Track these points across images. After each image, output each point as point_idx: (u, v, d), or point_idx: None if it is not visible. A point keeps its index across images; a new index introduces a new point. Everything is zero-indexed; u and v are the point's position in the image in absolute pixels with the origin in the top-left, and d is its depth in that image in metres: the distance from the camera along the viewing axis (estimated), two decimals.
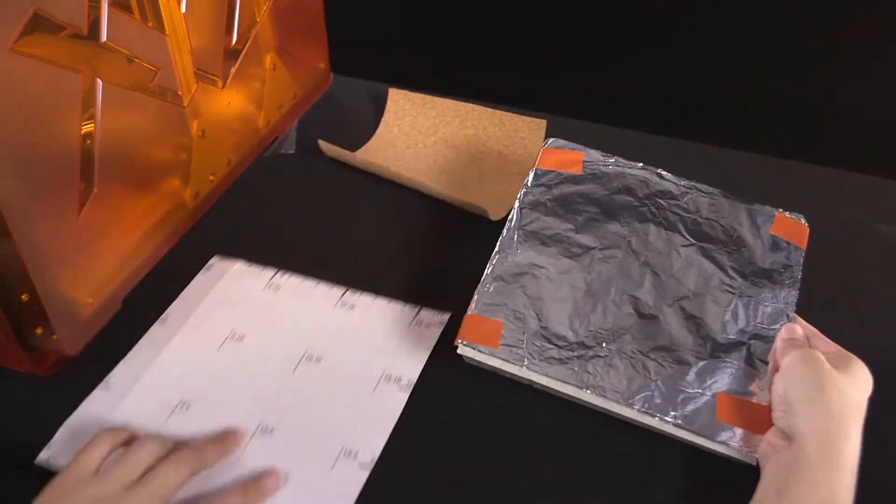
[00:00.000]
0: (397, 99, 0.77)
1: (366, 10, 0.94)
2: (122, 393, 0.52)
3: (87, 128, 0.51)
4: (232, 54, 0.65)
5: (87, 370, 0.54)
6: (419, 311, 0.58)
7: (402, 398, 0.52)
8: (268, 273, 0.61)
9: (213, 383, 0.53)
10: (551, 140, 0.62)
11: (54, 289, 0.51)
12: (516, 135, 0.73)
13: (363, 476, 0.47)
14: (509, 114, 0.74)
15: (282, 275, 0.60)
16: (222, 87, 0.65)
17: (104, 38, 0.50)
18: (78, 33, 0.48)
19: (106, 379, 0.53)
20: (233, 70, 0.65)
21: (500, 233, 0.57)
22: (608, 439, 0.50)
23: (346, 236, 0.65)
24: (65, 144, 0.50)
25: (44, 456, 0.48)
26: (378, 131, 0.75)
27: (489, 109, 0.75)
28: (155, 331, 0.57)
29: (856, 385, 0.46)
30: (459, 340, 0.52)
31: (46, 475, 0.47)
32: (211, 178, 0.66)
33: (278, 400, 0.52)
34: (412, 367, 0.54)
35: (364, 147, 0.73)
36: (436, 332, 0.56)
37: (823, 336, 0.51)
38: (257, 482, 0.46)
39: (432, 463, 0.49)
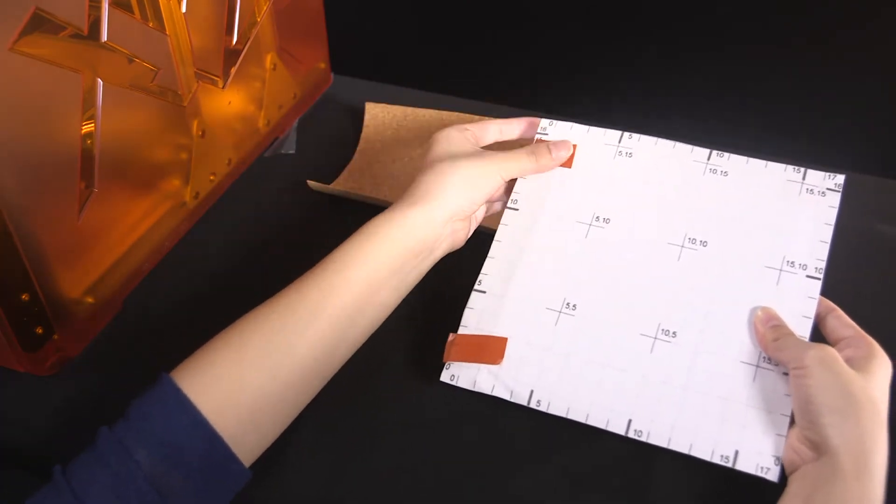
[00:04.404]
0: (376, 112, 0.75)
1: (366, 10, 0.94)
2: (500, 293, 0.52)
3: (87, 128, 0.51)
4: (232, 54, 0.65)
5: (87, 370, 0.54)
6: (805, 173, 0.51)
7: (813, 289, 0.48)
8: (613, 136, 0.56)
9: (593, 278, 0.51)
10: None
11: (54, 289, 0.51)
12: (506, 141, 0.72)
13: (786, 385, 0.45)
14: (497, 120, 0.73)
15: (629, 136, 0.56)
16: (222, 87, 0.65)
17: (104, 38, 0.50)
18: (78, 33, 0.48)
19: (479, 279, 0.53)
20: (233, 70, 0.65)
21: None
22: (608, 440, 0.50)
23: (347, 237, 0.65)
24: (65, 144, 0.50)
25: (445, 376, 0.50)
26: (360, 147, 0.74)
27: (475, 117, 0.73)
28: (509, 218, 0.55)
29: (879, 384, 0.44)
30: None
31: (46, 475, 0.47)
32: (211, 178, 0.66)
33: (671, 297, 0.49)
34: (815, 248, 0.49)
35: (348, 166, 0.72)
36: (833, 201, 0.50)
37: (842, 313, 0.48)
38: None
39: (428, 462, 0.49)
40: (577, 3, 0.85)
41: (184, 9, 0.57)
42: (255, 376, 0.43)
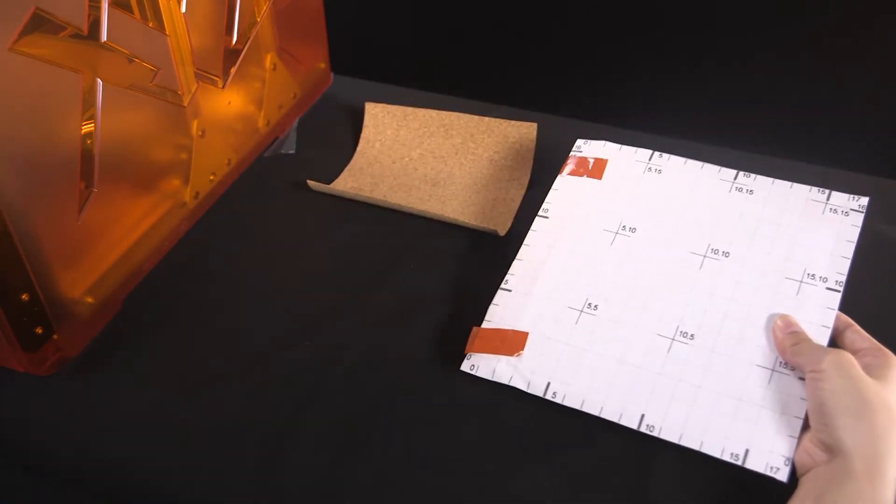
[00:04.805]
0: (376, 113, 0.75)
1: (366, 10, 0.94)
2: (525, 291, 0.53)
3: (87, 128, 0.51)
4: (232, 54, 0.65)
5: (87, 370, 0.54)
6: (829, 195, 0.53)
7: (833, 300, 0.49)
8: (643, 154, 0.58)
9: (615, 282, 0.52)
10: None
11: (54, 289, 0.51)
12: (506, 140, 0.72)
13: (801, 389, 0.46)
14: (497, 119, 0.72)
15: (660, 155, 0.58)
16: (222, 87, 0.65)
17: (104, 38, 0.50)
18: (78, 33, 0.48)
19: (506, 279, 0.54)
20: (233, 70, 0.65)
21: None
22: (608, 440, 0.50)
23: (348, 237, 0.65)
24: (65, 144, 0.50)
25: (465, 366, 0.51)
26: (359, 148, 0.74)
27: (475, 117, 0.73)
28: (539, 224, 0.57)
29: (895, 392, 0.44)
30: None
31: (46, 475, 0.47)
32: (211, 178, 0.66)
33: (691, 302, 0.50)
34: (836, 263, 0.50)
35: (348, 166, 0.72)
36: (856, 221, 0.52)
37: (859, 328, 0.49)
38: None
39: (428, 461, 0.49)
40: (578, 2, 0.85)
41: (184, 9, 0.57)
42: None
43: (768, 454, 0.45)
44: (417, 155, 0.72)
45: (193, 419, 0.51)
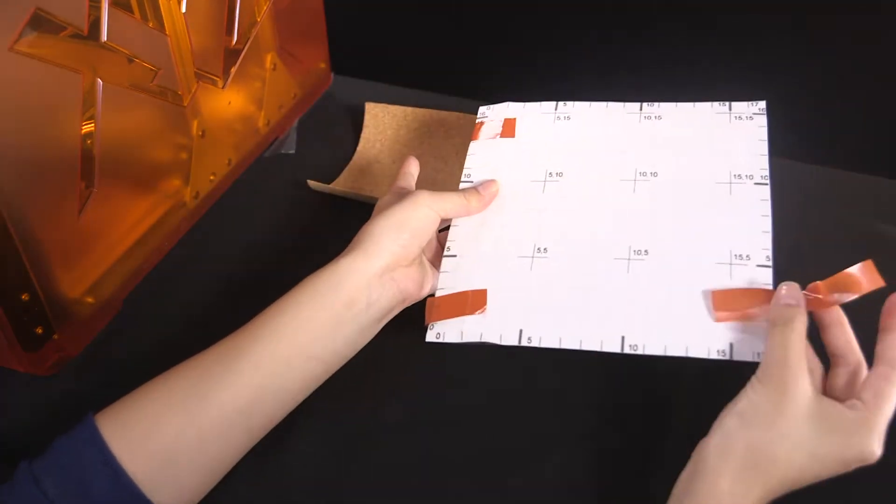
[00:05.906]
0: (376, 112, 0.75)
1: (366, 10, 0.94)
2: (470, 253, 0.53)
3: (87, 128, 0.51)
4: (232, 54, 0.65)
5: (87, 370, 0.54)
6: (730, 105, 0.57)
7: (764, 193, 0.51)
8: (548, 106, 0.60)
9: (558, 223, 0.53)
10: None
11: (54, 289, 0.51)
12: None
13: (769, 276, 0.47)
14: None
15: (564, 104, 0.60)
16: (222, 87, 0.65)
17: (104, 38, 0.51)
18: (78, 33, 0.49)
19: (447, 246, 0.53)
20: (233, 70, 0.65)
21: None
22: (608, 438, 0.50)
23: (348, 237, 0.65)
24: (65, 144, 0.50)
25: (431, 336, 0.49)
26: (359, 148, 0.74)
27: (474, 117, 0.73)
28: (465, 189, 0.56)
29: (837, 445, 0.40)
30: None
31: None
32: (211, 178, 0.66)
33: (636, 222, 0.51)
34: (756, 161, 0.53)
35: (348, 166, 0.72)
36: (761, 122, 0.55)
37: (848, 328, 0.47)
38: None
39: (427, 461, 0.49)
40: (579, 3, 0.85)
41: (184, 9, 0.57)
42: (172, 421, 0.42)
43: (751, 343, 0.45)
44: (417, 155, 0.72)
45: None
